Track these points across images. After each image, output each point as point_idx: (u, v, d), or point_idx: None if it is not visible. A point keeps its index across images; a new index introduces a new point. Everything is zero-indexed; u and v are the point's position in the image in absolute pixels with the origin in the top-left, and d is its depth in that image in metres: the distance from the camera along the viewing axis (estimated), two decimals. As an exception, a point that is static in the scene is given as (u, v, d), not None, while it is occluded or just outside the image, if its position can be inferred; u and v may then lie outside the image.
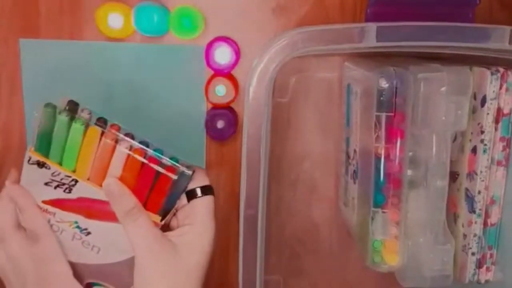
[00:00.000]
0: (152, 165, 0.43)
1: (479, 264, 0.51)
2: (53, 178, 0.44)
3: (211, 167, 0.60)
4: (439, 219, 0.49)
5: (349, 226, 0.58)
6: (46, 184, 0.44)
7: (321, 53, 0.56)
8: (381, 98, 0.46)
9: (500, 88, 0.47)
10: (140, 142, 0.44)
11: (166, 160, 0.43)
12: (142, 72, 0.58)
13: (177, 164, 0.43)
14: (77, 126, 0.43)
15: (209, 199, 0.45)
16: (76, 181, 0.44)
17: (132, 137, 0.44)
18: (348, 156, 0.57)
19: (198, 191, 0.44)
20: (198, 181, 0.44)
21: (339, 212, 0.62)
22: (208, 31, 0.56)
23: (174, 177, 0.43)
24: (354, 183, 0.54)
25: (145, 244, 0.42)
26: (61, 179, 0.44)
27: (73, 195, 0.44)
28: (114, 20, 0.54)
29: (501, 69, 0.47)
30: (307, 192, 0.62)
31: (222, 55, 0.55)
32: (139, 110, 0.59)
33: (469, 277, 0.52)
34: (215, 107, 0.57)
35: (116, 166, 0.43)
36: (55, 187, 0.44)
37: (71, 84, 0.58)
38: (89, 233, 0.45)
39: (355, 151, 0.53)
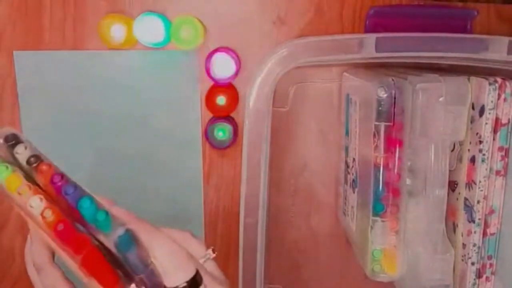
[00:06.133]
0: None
1: (479, 274, 0.51)
2: None
3: (211, 176, 0.60)
4: (438, 228, 0.49)
5: (349, 234, 0.58)
6: None
7: (320, 64, 0.56)
8: (380, 108, 0.46)
9: (498, 98, 0.47)
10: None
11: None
12: (141, 80, 0.58)
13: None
14: None
15: None
16: None
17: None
18: (347, 165, 0.57)
19: None
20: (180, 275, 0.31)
21: (338, 221, 0.62)
22: (209, 42, 0.57)
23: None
24: (353, 192, 0.54)
25: None
26: None
27: None
28: (117, 31, 0.55)
29: (499, 79, 0.47)
30: (306, 200, 0.62)
31: (223, 66, 0.56)
32: (135, 119, 0.59)
33: (468, 287, 0.51)
34: (216, 116, 0.58)
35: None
36: None
37: (67, 94, 0.59)
38: None
39: (354, 160, 0.54)
